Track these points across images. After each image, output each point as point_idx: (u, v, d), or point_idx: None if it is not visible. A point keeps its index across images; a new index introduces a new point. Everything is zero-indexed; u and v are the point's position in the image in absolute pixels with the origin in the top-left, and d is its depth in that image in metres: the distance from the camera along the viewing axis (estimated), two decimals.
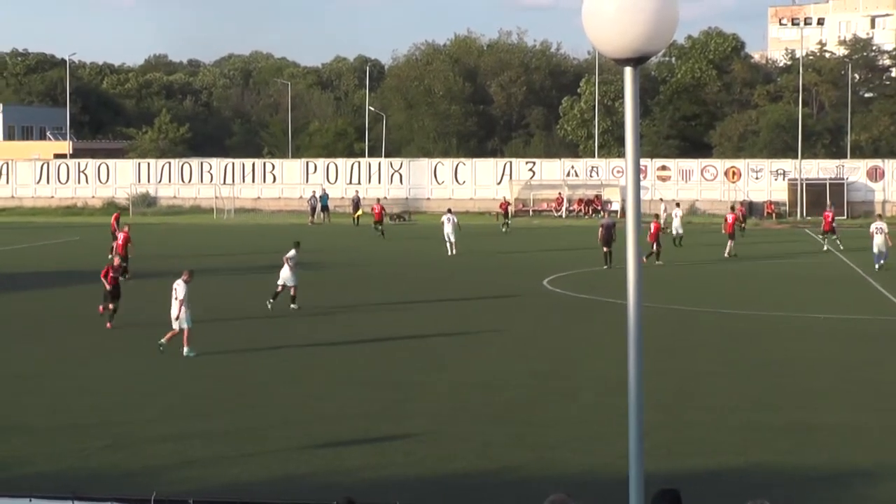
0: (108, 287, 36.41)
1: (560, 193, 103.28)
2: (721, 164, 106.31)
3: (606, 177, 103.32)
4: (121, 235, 51.00)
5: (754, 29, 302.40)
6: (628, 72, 8.27)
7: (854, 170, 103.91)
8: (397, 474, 19.80)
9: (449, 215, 62.79)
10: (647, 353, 28.92)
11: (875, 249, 53.71)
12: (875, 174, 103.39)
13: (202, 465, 20.24)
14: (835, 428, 23.14)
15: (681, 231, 67.01)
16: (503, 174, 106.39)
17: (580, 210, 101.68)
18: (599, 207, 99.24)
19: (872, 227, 54.96)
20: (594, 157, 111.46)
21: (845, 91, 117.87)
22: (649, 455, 17.61)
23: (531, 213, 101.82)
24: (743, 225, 78.14)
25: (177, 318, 31.30)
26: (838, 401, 25.76)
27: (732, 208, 72.24)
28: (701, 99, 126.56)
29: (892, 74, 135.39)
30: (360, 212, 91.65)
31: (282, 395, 26.19)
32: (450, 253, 60.85)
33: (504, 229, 79.40)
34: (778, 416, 24.11)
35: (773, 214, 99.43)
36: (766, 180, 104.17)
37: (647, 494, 9.80)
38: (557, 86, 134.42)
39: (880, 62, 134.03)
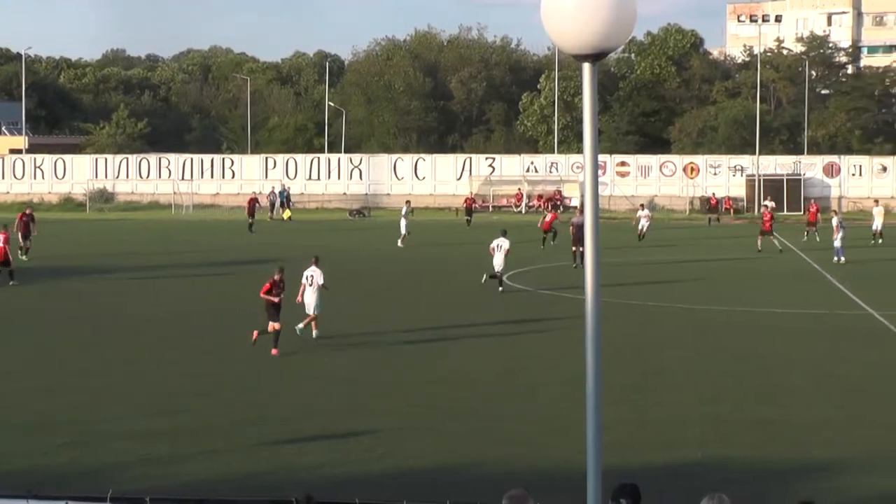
0: (274, 301, 31.27)
1: (520, 189, 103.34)
2: (680, 160, 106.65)
3: (566, 173, 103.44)
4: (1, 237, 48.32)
5: (713, 25, 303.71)
6: (587, 68, 8.26)
7: (811, 166, 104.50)
8: (359, 470, 19.80)
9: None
10: (609, 347, 29.21)
11: (838, 243, 54.84)
12: (831, 170, 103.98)
13: (163, 463, 20.18)
14: (797, 423, 23.28)
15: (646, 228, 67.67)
16: (463, 170, 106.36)
17: (540, 206, 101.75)
18: (559, 202, 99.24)
19: (834, 221, 56.05)
20: (554, 152, 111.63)
21: (802, 88, 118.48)
22: (610, 449, 17.65)
23: (491, 208, 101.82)
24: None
25: (314, 305, 32.91)
26: (801, 396, 25.91)
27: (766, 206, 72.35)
28: (660, 95, 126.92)
29: (849, 71, 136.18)
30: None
31: (246, 392, 26.13)
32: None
33: (468, 225, 79.71)
34: (739, 411, 24.25)
35: (732, 210, 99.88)
36: (724, 176, 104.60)
37: (607, 489, 9.83)
38: (517, 81, 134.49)
39: (837, 59, 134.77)
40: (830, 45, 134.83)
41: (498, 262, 44.32)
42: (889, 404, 25.12)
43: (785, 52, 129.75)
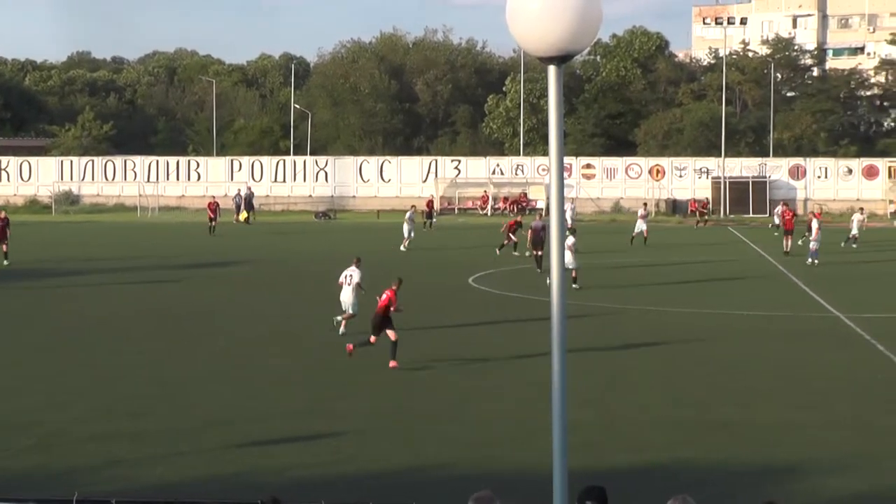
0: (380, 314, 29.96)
1: (485, 191, 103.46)
2: (645, 163, 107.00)
3: (532, 175, 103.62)
4: None
5: (678, 28, 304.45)
6: (552, 70, 8.27)
7: (776, 168, 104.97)
8: (326, 473, 19.74)
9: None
10: (578, 349, 29.12)
11: (813, 246, 55.23)
12: (797, 172, 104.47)
13: (129, 465, 20.07)
14: (763, 424, 23.35)
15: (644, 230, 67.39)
16: (429, 172, 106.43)
17: (506, 208, 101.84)
18: (525, 205, 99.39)
19: (814, 224, 56.31)
20: (520, 155, 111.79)
21: (768, 90, 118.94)
22: (577, 452, 17.67)
23: (456, 210, 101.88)
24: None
25: (352, 303, 33.67)
26: (767, 398, 25.96)
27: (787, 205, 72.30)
28: (626, 97, 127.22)
29: (814, 74, 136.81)
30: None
31: (210, 395, 26.03)
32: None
33: (425, 228, 79.61)
34: (707, 413, 24.28)
35: (697, 212, 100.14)
36: (689, 178, 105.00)
37: (574, 492, 9.81)
38: (483, 84, 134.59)
39: (802, 61, 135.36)
40: (796, 47, 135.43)
41: (568, 259, 44.28)
42: (854, 406, 25.20)
43: (750, 54, 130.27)
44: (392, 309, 29.82)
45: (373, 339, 29.68)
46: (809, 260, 55.12)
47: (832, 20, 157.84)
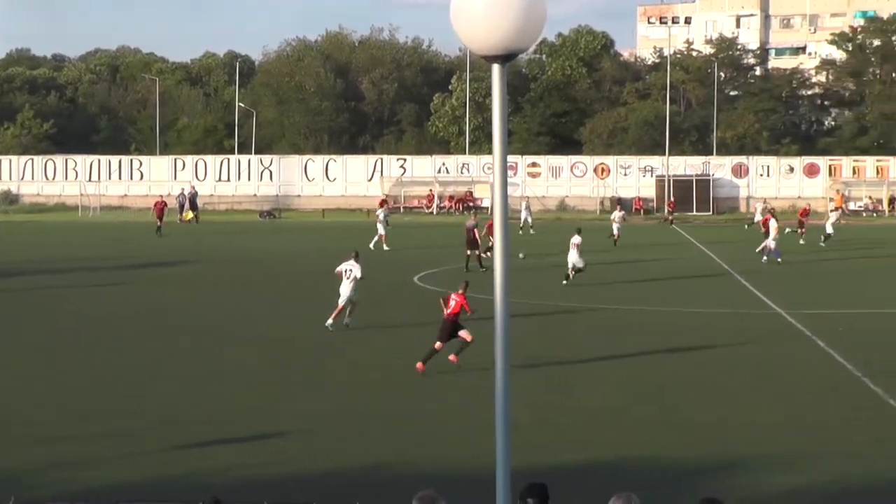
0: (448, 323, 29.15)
1: (431, 190, 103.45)
2: (590, 161, 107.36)
3: (477, 173, 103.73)
4: None
5: (623, 27, 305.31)
6: (496, 69, 8.28)
7: (720, 166, 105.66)
8: (268, 473, 19.66)
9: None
10: (526, 348, 29.15)
11: (772, 244, 55.41)
12: (740, 171, 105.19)
13: (72, 468, 19.90)
14: (705, 422, 23.47)
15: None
16: (374, 171, 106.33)
17: (451, 207, 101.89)
18: (471, 203, 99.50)
19: (773, 222, 56.48)
20: (465, 153, 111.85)
21: (712, 89, 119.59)
22: (522, 450, 17.69)
23: (402, 209, 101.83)
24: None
25: (348, 297, 34.14)
26: (710, 395, 26.11)
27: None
28: (571, 96, 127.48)
29: (757, 73, 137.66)
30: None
31: (154, 395, 25.86)
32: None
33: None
34: (651, 411, 24.38)
35: (642, 210, 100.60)
36: (634, 177, 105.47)
37: (517, 490, 9.79)
38: (429, 82, 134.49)
39: (745, 61, 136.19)
40: (739, 47, 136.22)
41: (573, 257, 46.48)
42: (795, 403, 25.37)
43: (694, 53, 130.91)
44: (468, 311, 29.24)
45: (438, 345, 28.67)
46: (765, 258, 55.09)
47: (774, 20, 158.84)
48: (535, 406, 23.93)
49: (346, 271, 35.31)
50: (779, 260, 54.74)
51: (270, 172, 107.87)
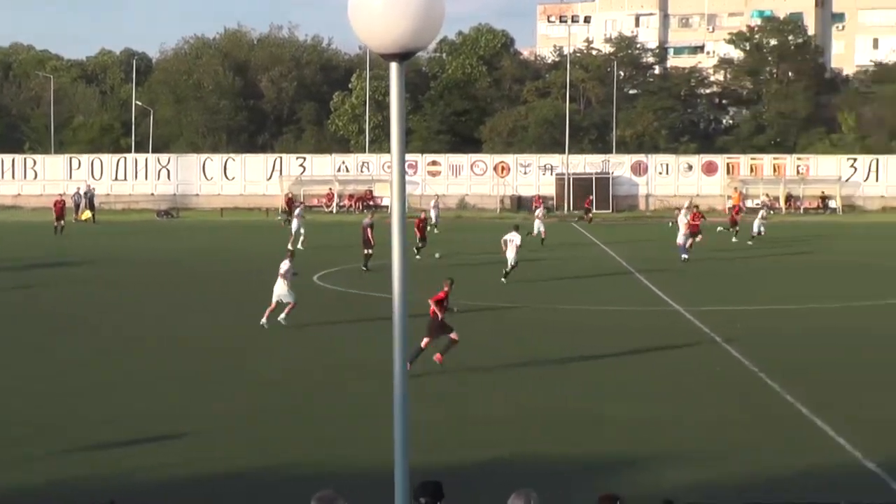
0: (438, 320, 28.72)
1: (331, 189, 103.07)
2: (490, 159, 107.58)
3: (377, 172, 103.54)
4: None
5: (523, 26, 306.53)
6: (394, 67, 8.31)
7: (619, 164, 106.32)
8: (170, 476, 19.49)
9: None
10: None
11: (681, 240, 55.42)
12: (639, 169, 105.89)
13: None
14: (606, 419, 23.55)
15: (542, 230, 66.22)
16: (273, 170, 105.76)
17: (351, 206, 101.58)
18: (371, 202, 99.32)
19: (681, 219, 56.54)
20: (365, 152, 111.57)
21: (611, 88, 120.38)
22: (423, 449, 17.44)
23: (302, 208, 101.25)
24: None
25: (284, 294, 34.47)
26: (610, 392, 26.16)
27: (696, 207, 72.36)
28: (471, 94, 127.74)
29: (656, 72, 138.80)
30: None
31: (56, 396, 25.56)
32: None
33: (284, 224, 79.01)
34: (553, 409, 24.41)
35: (584, 209, 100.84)
36: (534, 175, 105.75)
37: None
38: (329, 81, 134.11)
39: (644, 60, 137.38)
40: (638, 45, 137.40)
41: (511, 255, 47.21)
42: (695, 398, 25.48)
43: (594, 52, 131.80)
44: (443, 308, 28.76)
45: (425, 342, 28.11)
46: (685, 256, 55.12)
47: (673, 19, 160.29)
48: (438, 403, 23.84)
49: (283, 271, 35.59)
50: (684, 257, 54.94)
51: (168, 171, 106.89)
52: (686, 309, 39.01)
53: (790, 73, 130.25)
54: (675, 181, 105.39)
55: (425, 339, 28.17)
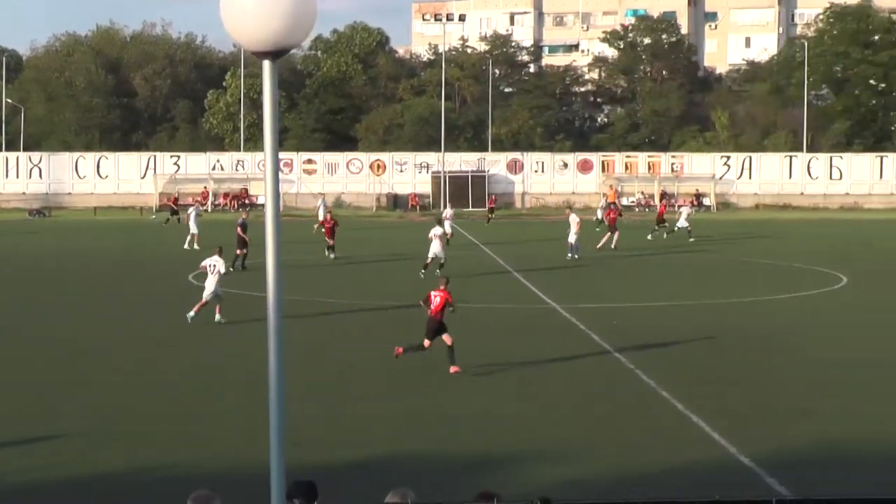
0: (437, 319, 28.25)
1: (206, 187, 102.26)
2: (366, 158, 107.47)
3: (252, 170, 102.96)
4: None
5: (399, 24, 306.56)
6: (267, 65, 8.24)
7: (495, 162, 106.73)
8: (42, 478, 19.19)
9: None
10: (302, 345, 28.70)
11: (571, 239, 55.39)
12: (515, 167, 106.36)
13: None
14: (482, 415, 23.53)
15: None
16: (147, 168, 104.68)
17: (226, 204, 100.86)
18: (246, 200, 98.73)
19: (572, 218, 56.54)
20: (240, 150, 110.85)
21: (486, 86, 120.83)
22: (300, 447, 17.36)
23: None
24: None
25: (212, 291, 34.63)
26: (487, 390, 26.21)
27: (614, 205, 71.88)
28: (347, 93, 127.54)
29: (531, 70, 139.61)
30: None
31: None
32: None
33: (167, 223, 78.21)
34: (428, 406, 24.41)
35: (417, 206, 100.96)
36: (410, 173, 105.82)
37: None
38: (203, 79, 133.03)
39: (519, 58, 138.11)
40: (513, 44, 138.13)
41: (436, 248, 47.73)
42: (569, 395, 25.62)
43: (469, 50, 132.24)
44: (451, 309, 28.43)
45: (427, 343, 27.95)
46: (569, 255, 55.27)
47: (548, 18, 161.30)
48: (315, 401, 23.76)
49: (210, 266, 35.63)
50: (572, 256, 55.00)
51: (40, 170, 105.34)
52: (562, 306, 39.21)
53: (664, 72, 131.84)
54: (550, 179, 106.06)
55: (427, 341, 27.94)
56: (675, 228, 67.80)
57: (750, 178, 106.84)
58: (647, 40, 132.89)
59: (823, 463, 20.38)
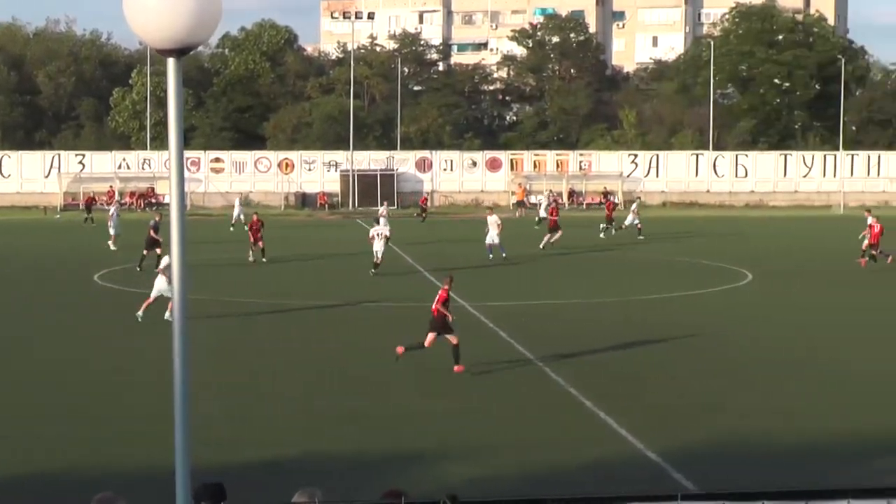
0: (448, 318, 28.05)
1: (112, 186, 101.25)
2: (275, 156, 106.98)
3: (159, 169, 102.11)
4: None
5: (307, 22, 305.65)
6: (171, 63, 8.15)
7: (404, 161, 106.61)
8: None
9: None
10: (213, 346, 28.48)
11: (489, 240, 55.01)
12: (423, 165, 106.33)
13: None
14: (391, 415, 23.53)
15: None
16: (51, 167, 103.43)
17: (133, 203, 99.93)
18: (153, 199, 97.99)
19: (491, 220, 56.18)
20: (147, 149, 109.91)
21: (395, 84, 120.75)
22: (207, 448, 17.22)
23: (81, 207, 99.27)
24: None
25: (165, 289, 33.78)
26: (394, 388, 26.21)
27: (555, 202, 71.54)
28: (255, 91, 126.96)
29: (440, 68, 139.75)
30: None
31: None
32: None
33: (89, 223, 77.28)
34: (336, 404, 24.36)
35: (326, 205, 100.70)
36: (318, 172, 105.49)
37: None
38: (108, 76, 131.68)
39: (428, 56, 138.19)
40: (422, 42, 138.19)
41: (378, 248, 48.27)
42: (476, 393, 25.62)
43: (378, 49, 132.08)
44: (446, 309, 28.00)
45: (428, 342, 27.64)
46: (490, 256, 54.95)
47: (457, 16, 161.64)
48: (224, 402, 23.67)
49: (167, 268, 34.92)
50: (493, 257, 54.65)
51: None
52: (471, 304, 39.20)
53: (572, 71, 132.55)
54: (459, 177, 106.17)
55: (430, 337, 27.63)
56: (624, 226, 68.11)
57: (657, 176, 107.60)
58: (555, 39, 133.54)
59: (730, 458, 20.53)
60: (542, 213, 72.87)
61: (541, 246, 59.42)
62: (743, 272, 49.51)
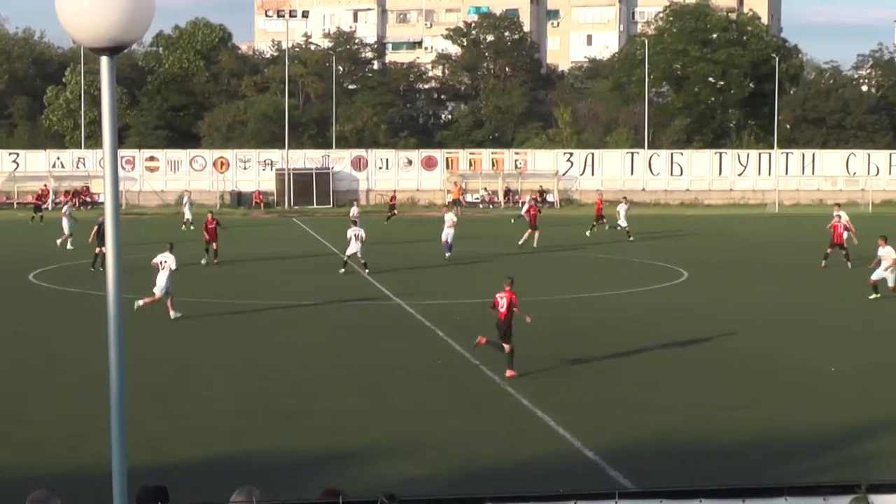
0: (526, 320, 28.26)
1: (46, 185, 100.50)
2: (210, 155, 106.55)
3: (94, 168, 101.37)
4: None
5: (241, 20, 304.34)
6: (104, 61, 8.17)
7: (339, 160, 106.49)
8: None
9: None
10: (138, 343, 28.36)
11: (444, 237, 54.89)
12: (359, 163, 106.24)
13: None
14: (325, 412, 23.53)
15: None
16: None
17: (67, 202, 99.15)
18: (88, 199, 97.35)
19: (447, 217, 55.97)
20: (81, 148, 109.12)
21: (330, 83, 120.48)
22: (142, 448, 17.15)
23: (15, 206, 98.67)
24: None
25: (163, 288, 35.01)
26: (328, 385, 26.26)
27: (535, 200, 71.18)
28: (189, 89, 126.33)
29: (375, 67, 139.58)
30: None
31: None
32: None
33: (32, 222, 76.80)
34: (271, 404, 24.29)
35: (262, 204, 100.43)
36: (254, 170, 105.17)
37: (136, 487, 9.34)
38: (42, 75, 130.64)
39: (363, 55, 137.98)
40: (356, 41, 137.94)
41: (353, 248, 48.01)
42: (409, 392, 25.66)
43: (313, 47, 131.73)
44: (516, 310, 27.77)
45: (507, 347, 27.24)
46: (447, 254, 54.74)
47: (391, 15, 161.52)
48: (155, 401, 23.59)
49: (161, 263, 35.74)
50: (448, 255, 54.49)
51: None
52: (407, 303, 39.26)
53: (507, 69, 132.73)
54: (395, 176, 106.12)
55: (506, 345, 27.32)
56: (616, 227, 68.19)
57: (593, 174, 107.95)
58: (489, 37, 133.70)
59: (666, 455, 20.67)
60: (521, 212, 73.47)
61: (519, 243, 60.09)
62: (679, 270, 49.82)
